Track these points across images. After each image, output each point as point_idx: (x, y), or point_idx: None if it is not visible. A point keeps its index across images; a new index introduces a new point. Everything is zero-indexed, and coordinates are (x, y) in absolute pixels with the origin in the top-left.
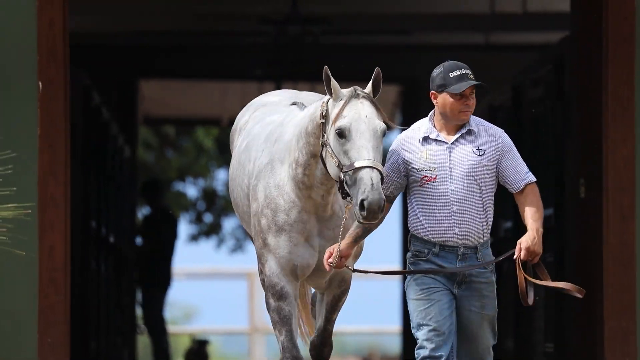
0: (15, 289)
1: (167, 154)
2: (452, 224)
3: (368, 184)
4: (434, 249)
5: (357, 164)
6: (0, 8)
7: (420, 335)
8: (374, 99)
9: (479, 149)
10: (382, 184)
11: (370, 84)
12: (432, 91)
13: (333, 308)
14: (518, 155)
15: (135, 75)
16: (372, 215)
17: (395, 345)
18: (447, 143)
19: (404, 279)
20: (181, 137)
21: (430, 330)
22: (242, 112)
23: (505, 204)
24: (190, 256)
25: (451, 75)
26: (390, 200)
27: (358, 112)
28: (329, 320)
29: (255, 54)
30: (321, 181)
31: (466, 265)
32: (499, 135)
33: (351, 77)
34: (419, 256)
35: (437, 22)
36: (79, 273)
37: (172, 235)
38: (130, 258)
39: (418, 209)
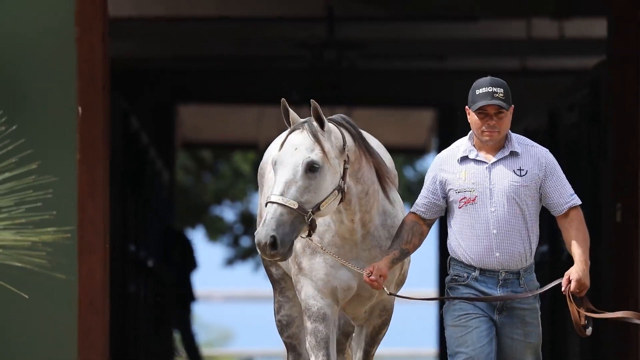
0: (56, 311)
1: (204, 178)
2: (492, 248)
3: (262, 221)
4: (473, 273)
5: (268, 198)
6: (41, 33)
7: None
8: (317, 131)
9: (520, 169)
10: (288, 218)
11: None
12: (466, 107)
13: (373, 340)
14: (563, 176)
15: (173, 99)
16: (261, 252)
17: None
18: (486, 163)
19: (442, 303)
20: (218, 161)
21: (466, 359)
22: (274, 144)
23: (541, 227)
24: (227, 279)
25: (477, 92)
26: (429, 224)
27: (286, 144)
28: (368, 354)
29: (292, 79)
30: (338, 209)
31: (508, 294)
32: (543, 155)
33: (384, 101)
34: (458, 280)
35: (473, 47)
36: (118, 296)
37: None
38: (167, 281)
39: (457, 231)
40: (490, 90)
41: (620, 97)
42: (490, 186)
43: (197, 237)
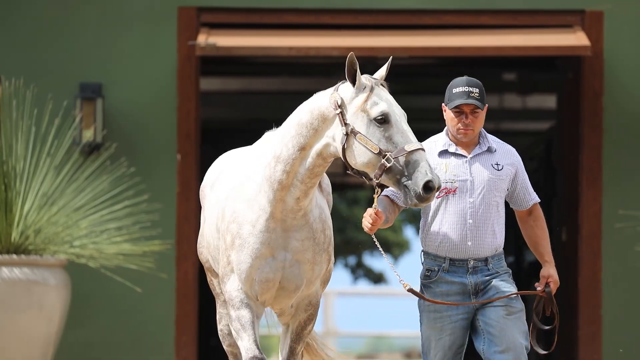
0: (160, 302)
1: None
2: (467, 237)
3: (427, 166)
4: (443, 265)
5: (408, 148)
6: (153, 102)
7: None
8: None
9: (497, 164)
10: None
11: (384, 71)
12: (443, 104)
13: (298, 336)
14: (526, 174)
15: None
16: (433, 196)
17: None
18: (466, 157)
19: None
20: None
21: None
22: (213, 168)
23: (507, 239)
24: None
25: (454, 91)
26: (398, 208)
27: (387, 98)
28: (294, 351)
29: None
30: (302, 179)
31: (490, 298)
32: (513, 153)
33: None
34: (430, 277)
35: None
36: (203, 291)
37: None
38: None
39: (432, 222)
40: (467, 89)
41: (567, 151)
42: (471, 178)
43: None
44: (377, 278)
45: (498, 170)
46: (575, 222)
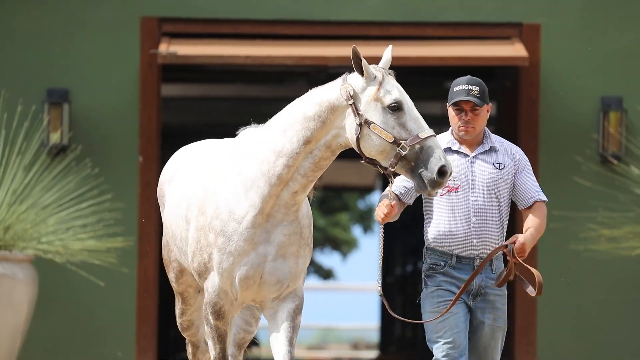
0: (122, 295)
1: None
2: (472, 235)
3: (440, 152)
4: (450, 261)
5: (422, 135)
6: (117, 108)
7: (437, 348)
8: None
9: (499, 163)
10: None
11: (389, 57)
12: (447, 104)
13: (292, 327)
14: (532, 174)
15: None
16: (446, 181)
17: (374, 336)
18: (468, 156)
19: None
20: None
21: (445, 343)
22: (169, 165)
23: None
24: None
25: (455, 89)
26: (403, 204)
27: (397, 87)
28: (292, 342)
29: None
30: (305, 173)
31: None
32: (516, 152)
33: (345, 155)
34: (435, 269)
35: None
36: (163, 285)
37: None
38: None
39: (436, 219)
40: (466, 87)
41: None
42: (472, 177)
43: None
44: (326, 274)
45: (499, 169)
46: (512, 222)
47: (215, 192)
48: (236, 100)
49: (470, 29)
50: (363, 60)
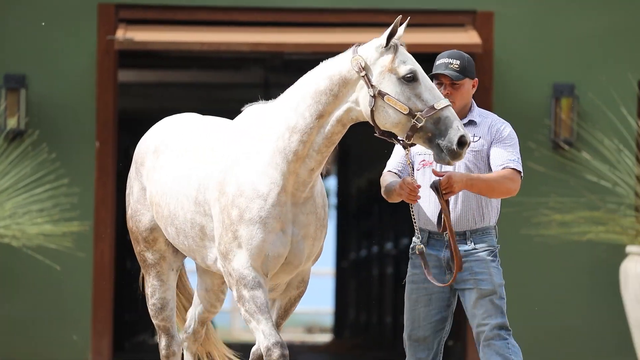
0: (78, 278)
1: None
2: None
3: (458, 122)
4: (423, 239)
5: (438, 106)
6: (73, 93)
7: (404, 338)
8: None
9: (474, 136)
10: None
11: (402, 31)
12: None
13: (286, 312)
14: (512, 148)
15: None
16: (465, 152)
17: (328, 320)
18: None
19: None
20: None
21: (409, 336)
22: (151, 135)
23: None
24: None
25: (436, 63)
26: None
27: (411, 57)
28: (279, 326)
29: None
30: (319, 149)
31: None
32: (495, 124)
33: None
34: (413, 249)
35: None
36: (119, 269)
37: None
38: None
39: None
40: (447, 61)
41: None
42: None
43: None
44: None
45: (474, 142)
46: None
47: (235, 171)
48: (192, 86)
49: (424, 16)
50: (399, 30)
